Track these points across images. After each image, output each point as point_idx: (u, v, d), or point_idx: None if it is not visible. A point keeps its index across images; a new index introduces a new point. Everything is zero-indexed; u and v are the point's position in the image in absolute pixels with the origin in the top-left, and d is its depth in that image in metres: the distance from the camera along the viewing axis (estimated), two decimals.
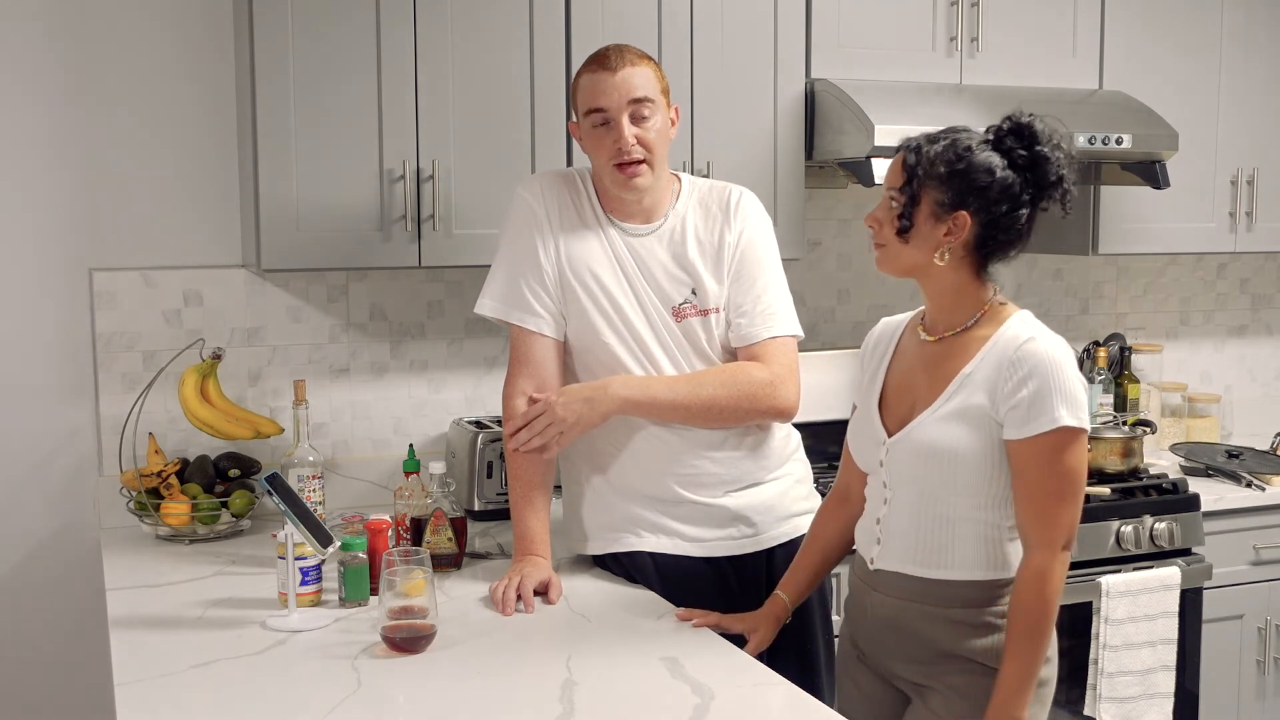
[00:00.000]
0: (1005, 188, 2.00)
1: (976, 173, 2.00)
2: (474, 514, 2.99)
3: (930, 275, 2.07)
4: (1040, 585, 1.98)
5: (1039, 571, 1.98)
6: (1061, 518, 1.99)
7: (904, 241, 2.04)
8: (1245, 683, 3.46)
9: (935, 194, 2.01)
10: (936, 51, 3.26)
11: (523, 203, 2.47)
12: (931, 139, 2.04)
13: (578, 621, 2.27)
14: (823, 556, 2.31)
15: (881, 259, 2.10)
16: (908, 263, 2.06)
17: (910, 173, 2.03)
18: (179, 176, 3.03)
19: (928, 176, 2.01)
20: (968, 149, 2.01)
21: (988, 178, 2.00)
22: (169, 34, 2.99)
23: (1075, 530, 2.02)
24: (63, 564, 3.01)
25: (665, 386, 2.40)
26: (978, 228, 2.01)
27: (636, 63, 2.38)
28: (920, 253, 2.04)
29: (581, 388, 2.41)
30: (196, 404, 2.92)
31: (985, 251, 2.04)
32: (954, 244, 2.02)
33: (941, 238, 2.02)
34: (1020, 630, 1.99)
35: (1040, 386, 1.96)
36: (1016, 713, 1.98)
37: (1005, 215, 2.01)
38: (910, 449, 2.06)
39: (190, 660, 2.07)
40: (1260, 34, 3.65)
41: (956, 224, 2.01)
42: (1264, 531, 3.42)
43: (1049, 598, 1.98)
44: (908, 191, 2.02)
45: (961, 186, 2.00)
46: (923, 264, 2.05)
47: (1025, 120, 2.03)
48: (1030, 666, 1.99)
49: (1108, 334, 3.89)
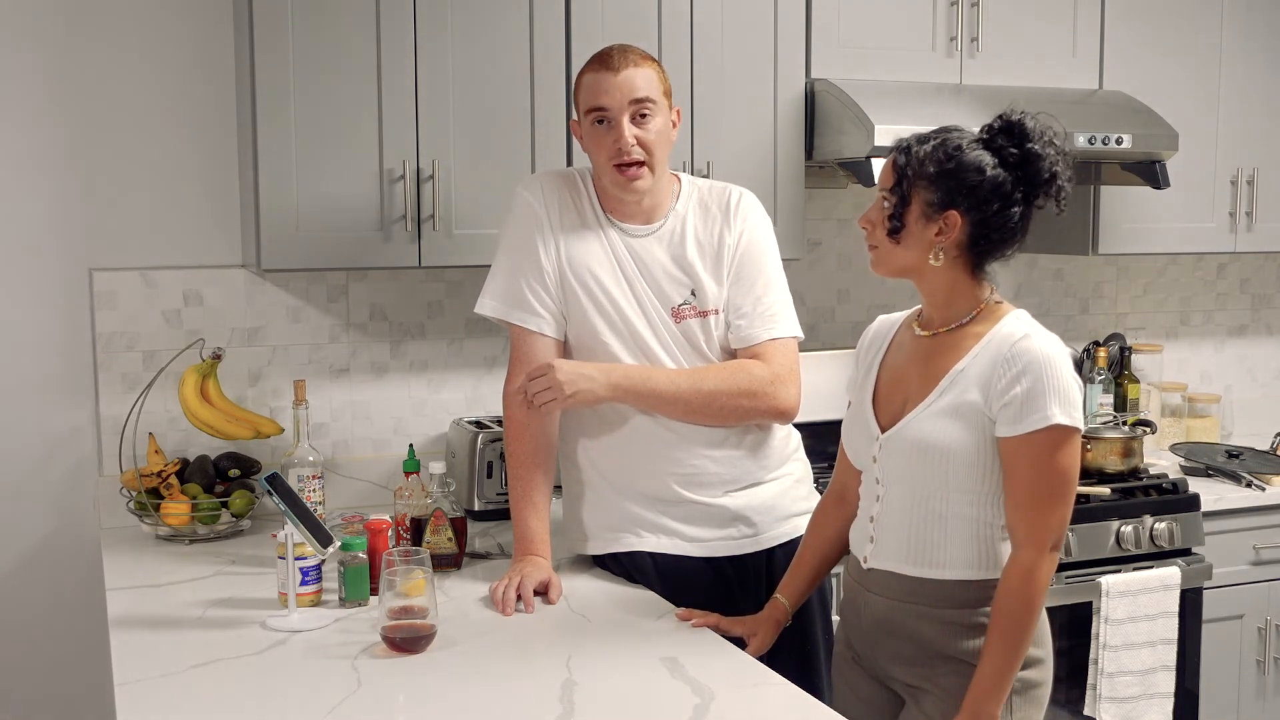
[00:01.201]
0: (996, 186, 2.00)
1: (966, 172, 2.00)
2: (474, 514, 2.99)
3: (924, 275, 2.06)
4: (1025, 584, 1.97)
5: (1025, 570, 1.97)
6: (1051, 517, 1.98)
7: (895, 242, 2.04)
8: (1245, 683, 3.46)
9: (925, 194, 2.01)
10: (936, 51, 3.26)
11: (523, 203, 2.47)
12: (921, 139, 2.04)
13: (578, 621, 2.27)
14: (821, 557, 2.31)
15: (875, 260, 2.10)
16: (901, 263, 2.06)
17: (900, 173, 2.03)
18: (179, 176, 3.03)
19: (917, 177, 2.01)
20: (958, 148, 2.01)
21: (978, 177, 1.99)
22: (169, 34, 2.98)
23: (1064, 530, 2.01)
24: (63, 564, 3.01)
25: (667, 378, 2.40)
26: (969, 227, 2.01)
27: (640, 64, 2.38)
28: (913, 253, 2.04)
29: (586, 365, 2.40)
30: (196, 404, 2.92)
31: (979, 250, 2.04)
32: (946, 244, 2.02)
33: (933, 238, 2.02)
34: (1002, 627, 1.98)
35: (1034, 384, 1.96)
36: (991, 709, 1.96)
37: (997, 214, 2.00)
38: (902, 445, 2.06)
39: (190, 660, 2.07)
40: (1260, 34, 3.65)
41: (947, 224, 2.01)
42: (1264, 531, 3.42)
43: (1033, 597, 1.97)
44: (898, 192, 2.03)
45: (951, 186, 2.00)
46: (916, 264, 2.05)
47: (1016, 118, 2.03)
48: (1008, 664, 1.97)
49: (1108, 334, 3.89)
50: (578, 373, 2.38)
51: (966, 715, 1.97)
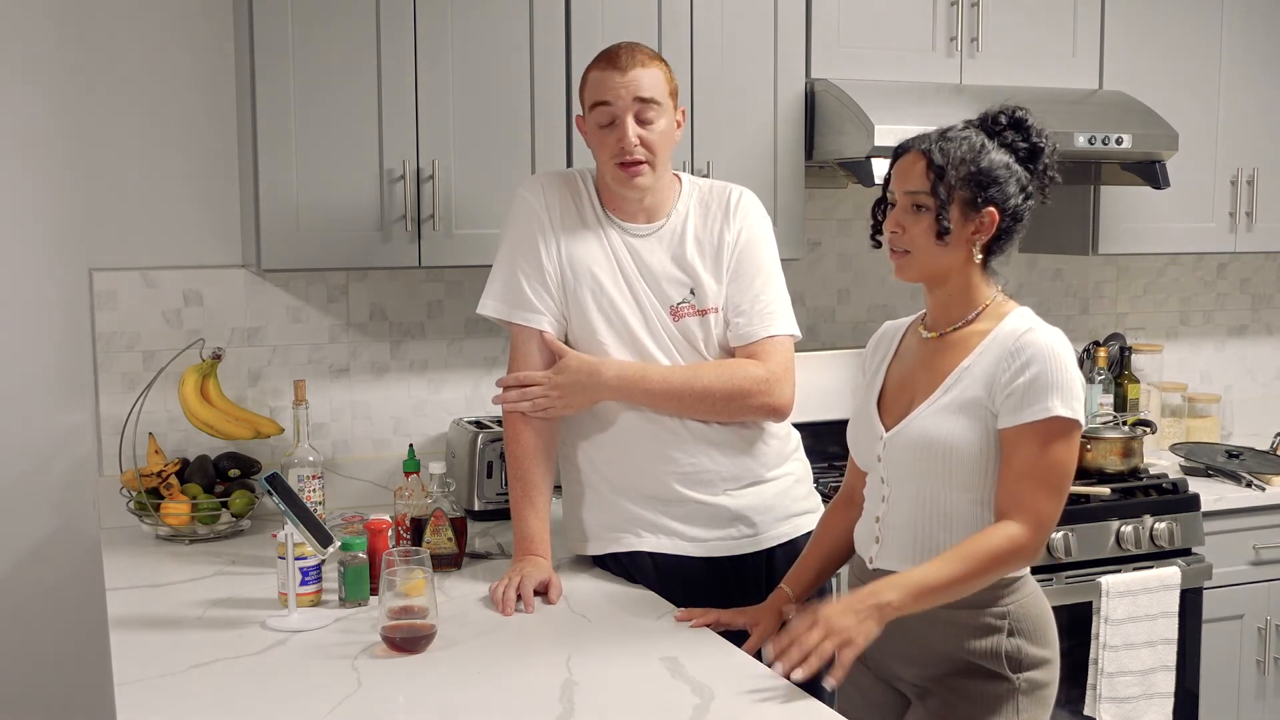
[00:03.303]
0: (1019, 181, 2.04)
1: (997, 169, 2.02)
2: (474, 514, 2.99)
3: (952, 276, 2.06)
4: (1004, 545, 1.94)
5: (1010, 536, 1.94)
6: (1044, 506, 1.97)
7: (943, 244, 2.03)
8: (1245, 683, 3.46)
9: (964, 193, 2.02)
10: (936, 51, 3.26)
11: (524, 203, 2.47)
12: (945, 138, 2.04)
13: (578, 621, 2.27)
14: (828, 554, 2.30)
15: (905, 265, 2.07)
16: (942, 265, 2.05)
17: (939, 174, 2.02)
18: (179, 176, 3.03)
19: (956, 177, 2.01)
20: (982, 146, 2.03)
21: (1006, 173, 2.03)
22: (169, 34, 2.99)
23: (1054, 524, 1.99)
24: (63, 564, 3.01)
25: (660, 374, 2.40)
26: (1002, 222, 2.03)
27: (647, 63, 2.38)
28: (956, 254, 2.04)
29: (580, 368, 2.40)
30: (196, 404, 2.92)
31: (995, 246, 2.06)
32: (984, 240, 2.03)
33: (970, 236, 2.03)
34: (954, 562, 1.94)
35: (1037, 375, 1.96)
36: (889, 597, 1.93)
37: (1021, 207, 2.04)
38: (907, 442, 2.06)
39: (190, 660, 2.07)
40: (1260, 34, 3.65)
41: (985, 221, 2.02)
42: (1264, 531, 3.42)
43: (1000, 560, 1.95)
44: (940, 194, 2.01)
45: (985, 183, 2.02)
46: (957, 265, 2.05)
47: (1020, 114, 2.06)
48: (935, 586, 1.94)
49: (1108, 334, 3.89)
50: (574, 377, 2.39)
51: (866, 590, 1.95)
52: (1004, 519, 1.97)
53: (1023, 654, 2.05)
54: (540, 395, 2.41)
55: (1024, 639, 2.05)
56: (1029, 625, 2.06)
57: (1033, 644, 2.06)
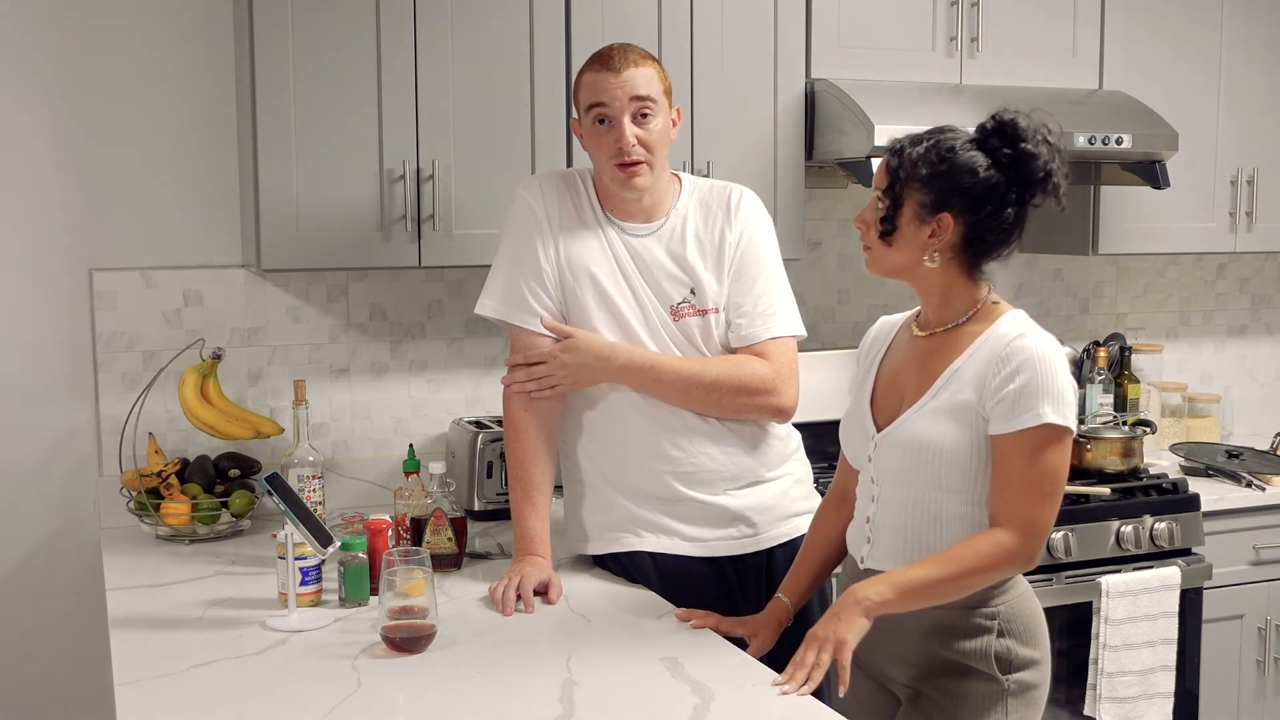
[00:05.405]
0: (989, 188, 1.99)
1: (959, 174, 1.99)
2: (474, 514, 2.99)
3: (919, 276, 2.06)
4: (993, 553, 1.95)
5: (999, 544, 1.95)
6: (1037, 514, 1.97)
7: (888, 244, 2.04)
8: (1245, 683, 3.46)
9: (918, 196, 2.01)
10: (936, 51, 3.26)
11: (523, 203, 2.47)
12: (915, 140, 2.04)
13: (578, 621, 2.27)
14: (823, 557, 2.31)
15: (869, 260, 2.10)
16: (893, 264, 2.06)
17: (893, 175, 2.02)
18: (179, 176, 3.03)
19: (910, 179, 2.01)
20: (950, 150, 2.00)
21: (970, 179, 1.99)
22: (169, 34, 2.99)
23: (1047, 533, 1.99)
24: (63, 564, 3.01)
25: (671, 364, 2.41)
26: (963, 229, 2.01)
27: (640, 63, 2.38)
28: (905, 255, 2.04)
29: (590, 349, 2.40)
30: (196, 404, 2.92)
31: (974, 252, 2.03)
32: (939, 246, 2.02)
33: (926, 240, 2.02)
34: (941, 567, 1.96)
35: (1028, 382, 1.95)
36: (871, 593, 1.95)
37: (990, 215, 2.00)
38: (897, 444, 2.06)
39: (190, 660, 2.07)
40: (1260, 35, 3.65)
41: (940, 226, 2.01)
42: (1264, 531, 3.42)
43: (987, 568, 1.95)
44: (890, 194, 2.02)
45: (944, 188, 1.99)
46: (909, 266, 2.05)
47: (1008, 118, 2.01)
48: (917, 588, 1.95)
49: (1108, 334, 3.89)
50: (584, 354, 2.39)
51: (845, 594, 1.97)
52: (997, 526, 1.98)
53: (1013, 655, 2.04)
54: (545, 373, 2.41)
55: (1014, 640, 2.05)
56: (1019, 626, 2.06)
57: (1023, 645, 2.06)
